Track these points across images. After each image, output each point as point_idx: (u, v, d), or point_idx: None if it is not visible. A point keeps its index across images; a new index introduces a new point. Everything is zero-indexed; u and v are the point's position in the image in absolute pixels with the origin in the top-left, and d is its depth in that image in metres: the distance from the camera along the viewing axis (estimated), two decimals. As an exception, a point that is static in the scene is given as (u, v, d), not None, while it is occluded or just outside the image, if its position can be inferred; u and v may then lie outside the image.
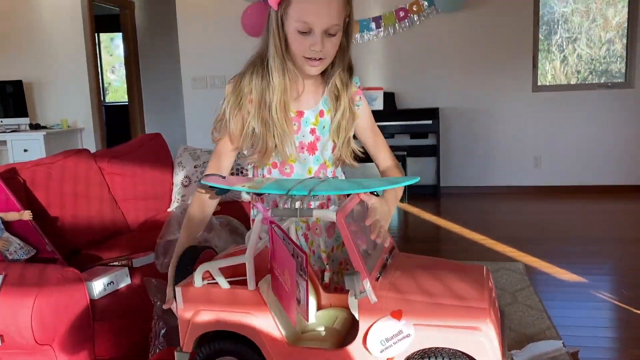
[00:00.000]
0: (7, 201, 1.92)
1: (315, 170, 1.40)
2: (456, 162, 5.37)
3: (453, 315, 0.97)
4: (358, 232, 1.07)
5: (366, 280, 0.98)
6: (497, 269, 3.22)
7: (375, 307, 0.99)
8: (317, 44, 1.23)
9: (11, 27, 5.84)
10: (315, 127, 1.37)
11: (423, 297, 1.00)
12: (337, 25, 1.23)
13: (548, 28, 8.09)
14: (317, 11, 1.21)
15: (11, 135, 5.51)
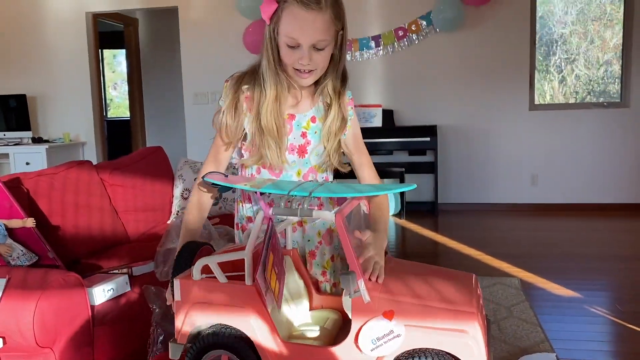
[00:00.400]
0: (11, 208, 1.96)
1: (304, 172, 1.45)
2: (454, 179, 5.42)
3: (442, 318, 1.01)
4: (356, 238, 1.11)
5: (361, 280, 1.02)
6: (493, 283, 3.25)
7: (367, 307, 1.03)
8: (304, 57, 1.29)
9: (16, 42, 5.93)
10: (307, 131, 1.42)
11: (414, 300, 1.04)
12: (324, 40, 1.29)
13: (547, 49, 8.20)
14: (302, 28, 1.26)
15: (14, 149, 5.57)
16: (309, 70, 1.33)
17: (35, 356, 1.52)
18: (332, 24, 1.29)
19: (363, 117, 5.32)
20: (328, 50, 1.32)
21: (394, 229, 4.89)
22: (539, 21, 5.53)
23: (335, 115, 1.40)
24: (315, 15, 1.26)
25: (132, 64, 7.21)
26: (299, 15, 1.26)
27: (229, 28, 5.42)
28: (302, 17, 1.26)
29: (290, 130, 1.42)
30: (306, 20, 1.26)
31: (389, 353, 1.03)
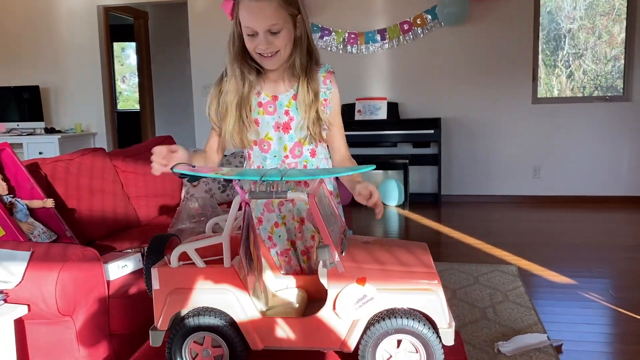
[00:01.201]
0: (32, 190, 2.09)
1: (290, 147, 1.58)
2: (457, 171, 5.51)
3: (409, 279, 1.14)
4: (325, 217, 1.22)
5: (335, 252, 1.14)
6: (492, 270, 3.35)
7: (342, 275, 1.15)
8: (262, 42, 1.45)
9: (29, 35, 6.07)
10: (289, 109, 1.56)
11: (382, 266, 1.17)
12: (276, 24, 1.44)
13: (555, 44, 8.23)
14: (255, 17, 1.43)
15: (27, 138, 5.72)
16: (272, 54, 1.48)
17: (56, 323, 1.65)
18: (281, 7, 1.44)
19: (368, 109, 5.42)
20: (284, 33, 1.47)
21: (397, 220, 4.99)
22: (547, 16, 5.60)
23: (306, 90, 1.53)
24: (264, 3, 1.42)
25: (142, 57, 7.34)
26: (249, 6, 1.43)
27: (237, 21, 5.52)
28: (252, 7, 1.43)
29: (275, 110, 1.56)
30: (256, 9, 1.42)
31: (364, 315, 1.15)
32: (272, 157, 1.60)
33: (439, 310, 1.14)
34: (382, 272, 1.17)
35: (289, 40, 1.48)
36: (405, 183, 5.26)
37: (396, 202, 5.36)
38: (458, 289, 3.05)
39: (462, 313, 2.71)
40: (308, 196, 1.18)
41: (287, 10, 1.46)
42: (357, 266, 1.18)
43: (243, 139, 1.56)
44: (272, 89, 1.57)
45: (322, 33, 5.48)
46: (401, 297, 1.14)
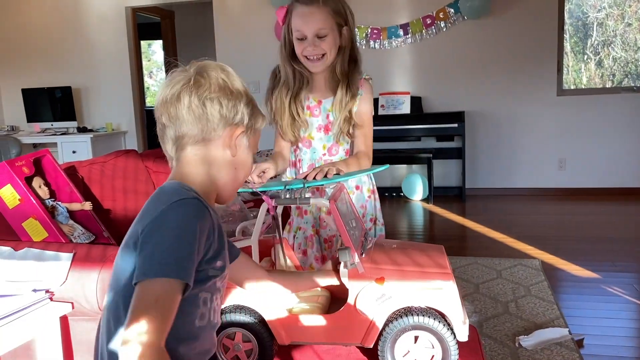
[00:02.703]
0: (71, 194, 2.21)
1: (328, 146, 1.76)
2: (481, 165, 5.52)
3: (425, 279, 1.22)
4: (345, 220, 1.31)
5: (355, 254, 1.22)
6: (515, 264, 3.39)
7: (362, 275, 1.24)
8: (310, 46, 1.62)
9: (61, 37, 6.26)
10: (330, 112, 1.72)
11: (399, 267, 1.26)
12: (324, 28, 1.61)
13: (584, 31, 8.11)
14: (305, 21, 1.61)
15: (61, 138, 5.92)
16: (318, 58, 1.64)
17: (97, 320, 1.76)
18: (330, 15, 1.61)
19: (392, 104, 5.46)
20: (330, 39, 1.63)
21: (422, 214, 5.04)
22: (574, 3, 5.54)
23: (344, 92, 1.67)
24: (314, 9, 1.60)
25: (169, 55, 7.49)
26: (301, 11, 1.61)
27: (261, 19, 5.61)
28: (304, 13, 1.61)
29: (320, 113, 1.74)
30: (307, 14, 1.61)
31: (383, 313, 1.23)
32: (312, 152, 1.77)
33: (453, 308, 1.22)
34: (399, 272, 1.25)
35: (334, 46, 1.64)
36: (429, 177, 5.29)
37: (421, 197, 5.40)
38: (481, 283, 3.10)
39: (484, 307, 2.77)
40: (329, 202, 1.27)
41: (334, 19, 1.62)
42: (375, 267, 1.26)
43: (296, 134, 1.74)
44: (318, 94, 1.74)
45: (345, 29, 5.52)
46: (417, 296, 1.23)
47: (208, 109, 1.04)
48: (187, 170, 1.07)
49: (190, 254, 0.92)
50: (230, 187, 1.12)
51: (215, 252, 1.00)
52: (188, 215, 0.95)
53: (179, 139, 1.06)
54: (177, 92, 1.05)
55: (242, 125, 1.07)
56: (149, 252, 0.91)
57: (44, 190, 2.07)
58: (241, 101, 1.07)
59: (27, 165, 2.02)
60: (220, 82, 1.07)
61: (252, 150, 1.13)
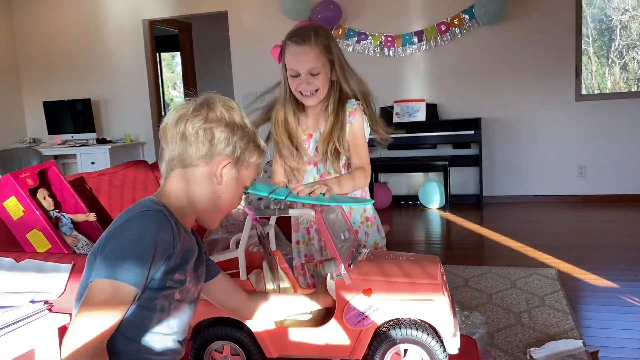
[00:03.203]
0: (76, 205, 2.24)
1: (318, 178, 1.78)
2: (499, 172, 5.43)
3: (413, 291, 1.18)
4: (334, 231, 1.29)
5: (341, 265, 1.19)
6: (530, 274, 3.31)
7: (349, 287, 1.21)
8: (302, 83, 1.68)
9: (81, 51, 6.39)
10: (319, 145, 1.75)
11: (387, 278, 1.22)
12: (316, 67, 1.66)
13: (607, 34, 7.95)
14: (298, 60, 1.67)
15: (80, 149, 6.02)
16: (312, 93, 1.69)
17: (96, 331, 1.77)
18: (321, 53, 1.67)
19: (407, 111, 5.43)
20: (323, 75, 1.69)
21: (438, 222, 4.97)
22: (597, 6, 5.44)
23: (333, 124, 1.72)
24: (306, 48, 1.66)
25: (187, 67, 7.58)
26: (294, 50, 1.67)
27: (275, 30, 5.63)
28: (297, 52, 1.67)
29: (309, 146, 1.78)
30: (300, 53, 1.67)
31: (371, 325, 1.20)
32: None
33: (442, 320, 1.19)
34: (387, 283, 1.22)
35: (326, 81, 1.71)
36: (445, 185, 5.22)
37: (438, 205, 5.34)
38: (494, 293, 3.03)
39: (496, 318, 2.70)
40: (315, 213, 1.25)
41: (326, 56, 1.68)
42: (363, 278, 1.23)
43: (293, 166, 1.77)
44: (309, 128, 1.80)
45: (358, 37, 5.52)
46: (406, 308, 1.19)
47: (200, 137, 1.10)
48: (167, 188, 1.14)
49: (143, 261, 0.97)
50: (211, 213, 1.18)
51: (174, 266, 1.04)
52: (148, 226, 1.00)
53: (171, 161, 1.13)
54: (176, 119, 1.13)
55: (232, 157, 1.13)
56: (105, 255, 0.98)
57: (49, 202, 2.10)
58: (235, 134, 1.13)
59: (31, 177, 2.05)
60: (218, 114, 1.13)
61: (244, 182, 1.18)
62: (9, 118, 6.51)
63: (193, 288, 1.12)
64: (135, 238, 0.99)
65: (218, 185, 1.14)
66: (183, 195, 1.13)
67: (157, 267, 1.01)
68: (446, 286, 1.28)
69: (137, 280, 0.96)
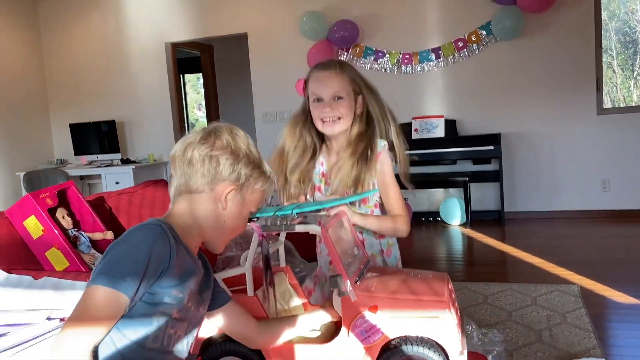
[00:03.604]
0: (94, 223, 2.29)
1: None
2: (521, 187, 5.37)
3: (419, 307, 1.17)
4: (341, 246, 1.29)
5: (347, 281, 1.20)
6: (551, 291, 3.25)
7: (355, 304, 1.21)
8: (327, 107, 1.64)
9: (106, 74, 6.56)
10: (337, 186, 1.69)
11: (393, 295, 1.21)
12: (341, 91, 1.64)
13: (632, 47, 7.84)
14: (322, 84, 1.65)
15: (105, 170, 6.14)
16: (334, 120, 1.65)
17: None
18: (346, 81, 1.66)
19: (425, 127, 5.42)
20: (347, 102, 1.65)
21: (460, 239, 4.92)
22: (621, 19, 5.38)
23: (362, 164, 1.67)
24: (330, 73, 1.65)
25: (209, 87, 7.71)
26: (319, 75, 1.67)
27: (293, 50, 5.71)
28: (321, 77, 1.66)
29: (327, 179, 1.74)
30: (324, 77, 1.66)
31: (377, 342, 1.20)
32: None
33: (449, 337, 1.18)
34: (393, 300, 1.22)
35: (350, 111, 1.67)
36: (466, 201, 5.18)
37: (459, 221, 5.29)
38: (514, 310, 2.98)
39: (515, 336, 2.65)
40: (321, 228, 1.26)
41: (351, 86, 1.67)
42: (369, 295, 1.23)
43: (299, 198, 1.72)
44: (329, 160, 1.75)
45: (376, 55, 5.55)
46: (412, 325, 1.19)
47: (206, 164, 1.16)
48: (173, 211, 1.20)
49: (135, 270, 1.00)
50: (217, 238, 1.22)
51: (172, 281, 1.06)
52: (145, 237, 1.04)
53: (179, 186, 1.19)
54: (184, 147, 1.18)
55: (237, 183, 1.18)
56: (103, 263, 1.02)
57: (67, 221, 2.15)
58: (240, 161, 1.18)
59: (50, 197, 2.10)
60: (224, 142, 1.18)
61: (249, 207, 1.22)
62: (38, 140, 6.70)
63: (194, 309, 1.14)
64: (131, 248, 1.03)
65: (223, 211, 1.18)
66: (189, 218, 1.18)
67: (152, 280, 1.03)
68: (454, 303, 1.27)
69: (126, 288, 0.99)
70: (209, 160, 1.16)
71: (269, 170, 1.26)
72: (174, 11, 6.25)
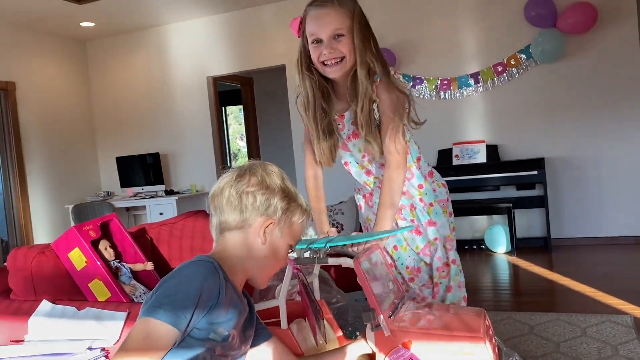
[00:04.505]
0: (135, 255, 2.34)
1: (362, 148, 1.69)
2: (567, 213, 5.20)
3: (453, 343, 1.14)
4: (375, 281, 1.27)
5: (380, 315, 1.18)
6: (603, 321, 3.10)
7: (388, 339, 1.18)
8: (326, 48, 1.55)
9: (150, 108, 6.79)
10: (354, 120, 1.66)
11: (427, 330, 1.18)
12: (340, 29, 1.54)
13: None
14: (320, 23, 1.55)
15: (150, 201, 6.30)
16: (336, 61, 1.56)
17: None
18: (346, 16, 1.54)
19: (466, 153, 5.35)
20: (348, 40, 1.55)
21: (505, 267, 4.78)
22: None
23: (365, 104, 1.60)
24: (328, 10, 1.54)
25: (249, 118, 7.86)
26: (315, 14, 1.56)
27: (331, 79, 5.77)
28: (318, 15, 1.55)
29: (344, 126, 1.70)
30: (321, 15, 1.55)
31: None
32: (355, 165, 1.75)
33: (484, 374, 1.14)
34: (427, 335, 1.19)
35: (351, 48, 1.56)
36: (510, 228, 5.05)
37: (505, 249, 5.14)
38: (562, 342, 2.86)
39: (564, 369, 2.54)
40: (354, 262, 1.25)
41: (350, 20, 1.55)
42: (402, 330, 1.21)
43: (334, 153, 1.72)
44: (339, 108, 1.70)
45: (413, 82, 5.56)
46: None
47: (243, 201, 1.19)
48: (218, 250, 1.23)
49: (186, 305, 1.02)
50: (259, 272, 1.24)
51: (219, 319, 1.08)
52: (197, 272, 1.08)
53: (219, 224, 1.23)
54: (222, 186, 1.23)
55: (275, 218, 1.21)
56: (155, 297, 1.05)
57: (110, 252, 2.21)
58: (275, 196, 1.22)
59: (94, 229, 2.17)
60: (258, 178, 1.22)
61: (288, 240, 1.25)
62: (86, 173, 6.95)
63: (237, 346, 1.15)
64: (183, 282, 1.05)
65: (263, 245, 1.21)
66: (233, 256, 1.21)
67: (201, 315, 1.05)
68: (492, 339, 1.22)
69: (177, 322, 1.01)
70: (245, 196, 1.19)
71: (305, 203, 1.28)
72: (214, 47, 6.45)
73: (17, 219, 5.99)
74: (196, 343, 1.06)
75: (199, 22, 6.49)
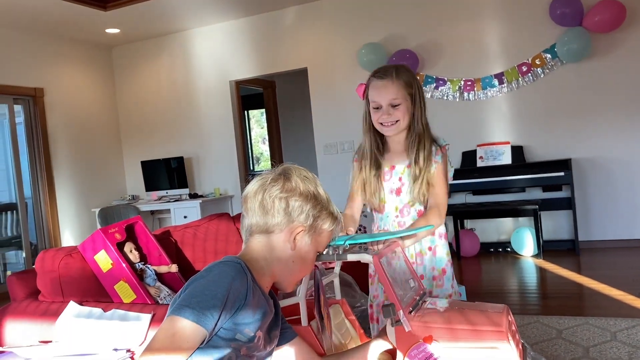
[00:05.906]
0: (160, 257, 2.36)
1: (400, 207, 1.85)
2: (595, 214, 5.09)
3: (476, 338, 1.12)
4: (395, 277, 1.26)
5: (400, 311, 1.16)
6: (633, 325, 3.02)
7: (409, 334, 1.17)
8: (384, 114, 1.79)
9: (174, 113, 6.87)
10: (402, 176, 1.84)
11: (449, 325, 1.16)
12: (397, 98, 1.77)
13: None
14: (379, 92, 1.79)
15: (174, 204, 6.36)
16: (391, 124, 1.79)
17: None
18: (402, 87, 1.78)
19: (491, 155, 5.28)
20: (403, 107, 1.79)
21: (532, 270, 4.71)
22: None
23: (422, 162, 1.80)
24: (387, 82, 1.78)
25: (271, 122, 7.90)
26: (376, 84, 1.80)
27: (353, 82, 5.76)
28: (378, 85, 1.80)
29: (390, 177, 1.86)
30: (381, 86, 1.79)
31: None
32: (385, 217, 1.87)
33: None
34: (449, 330, 1.17)
35: (407, 113, 1.80)
36: (537, 230, 4.96)
37: (531, 252, 5.05)
38: (591, 346, 2.80)
39: (594, 374, 2.48)
40: (373, 258, 1.24)
41: (406, 90, 1.79)
42: (423, 325, 1.20)
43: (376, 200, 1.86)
44: (391, 160, 1.88)
45: (437, 84, 5.51)
46: (468, 356, 1.14)
47: (276, 206, 1.19)
48: (246, 252, 1.23)
49: (214, 305, 1.02)
50: (286, 277, 1.24)
51: (245, 318, 1.08)
52: (225, 273, 1.08)
53: (250, 227, 1.23)
54: (256, 189, 1.23)
55: (306, 225, 1.21)
56: (183, 296, 1.05)
57: (135, 255, 2.23)
58: (309, 203, 1.21)
59: (119, 232, 2.20)
60: (293, 184, 1.22)
61: (317, 247, 1.25)
62: (112, 177, 7.06)
63: (262, 347, 1.16)
64: (211, 283, 1.06)
65: (292, 251, 1.21)
66: (261, 258, 1.21)
67: (228, 316, 1.06)
68: (515, 335, 1.20)
69: (204, 321, 1.02)
70: (279, 201, 1.19)
71: (336, 211, 1.28)
72: (237, 51, 6.49)
73: (45, 222, 6.11)
74: (222, 343, 1.06)
75: (221, 26, 6.54)
